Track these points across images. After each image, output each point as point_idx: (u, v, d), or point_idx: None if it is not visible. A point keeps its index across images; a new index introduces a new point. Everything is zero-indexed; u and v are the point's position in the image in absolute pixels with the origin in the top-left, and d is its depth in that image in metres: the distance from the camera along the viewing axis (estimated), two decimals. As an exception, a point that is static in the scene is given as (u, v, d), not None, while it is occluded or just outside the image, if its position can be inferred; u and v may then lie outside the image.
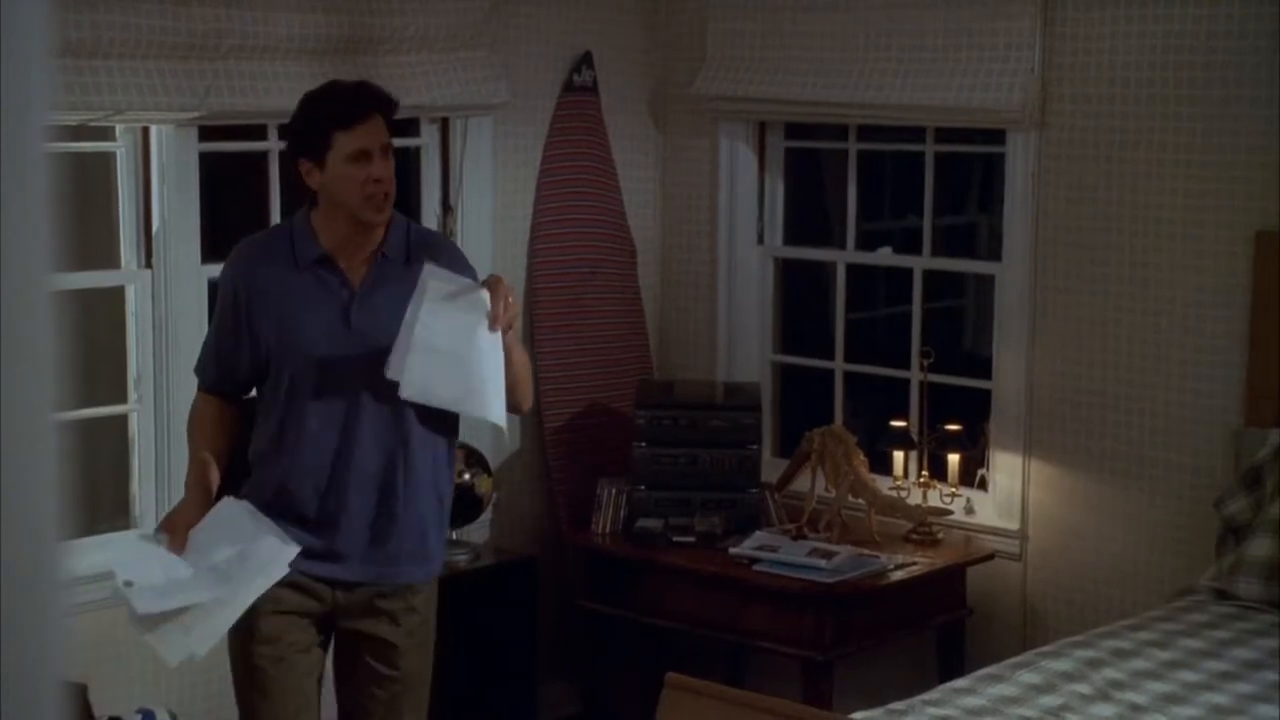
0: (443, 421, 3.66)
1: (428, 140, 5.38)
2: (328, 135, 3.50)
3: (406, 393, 3.45)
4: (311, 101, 3.60)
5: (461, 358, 3.43)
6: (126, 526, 4.76)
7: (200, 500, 3.57)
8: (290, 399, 3.57)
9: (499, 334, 3.47)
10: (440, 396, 3.49)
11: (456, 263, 3.65)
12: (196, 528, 3.52)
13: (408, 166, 5.26)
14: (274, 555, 3.49)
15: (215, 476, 3.58)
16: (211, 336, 3.74)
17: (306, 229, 3.60)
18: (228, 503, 3.58)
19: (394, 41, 5.04)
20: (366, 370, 3.53)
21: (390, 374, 3.45)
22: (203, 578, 3.46)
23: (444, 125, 5.40)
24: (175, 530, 3.54)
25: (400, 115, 3.87)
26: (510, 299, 3.49)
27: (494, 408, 3.49)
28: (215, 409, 3.68)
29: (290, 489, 3.58)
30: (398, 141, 3.88)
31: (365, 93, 3.58)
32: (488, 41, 5.33)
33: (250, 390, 3.69)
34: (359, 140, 3.50)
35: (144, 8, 4.46)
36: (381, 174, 3.52)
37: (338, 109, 3.52)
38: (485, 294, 3.47)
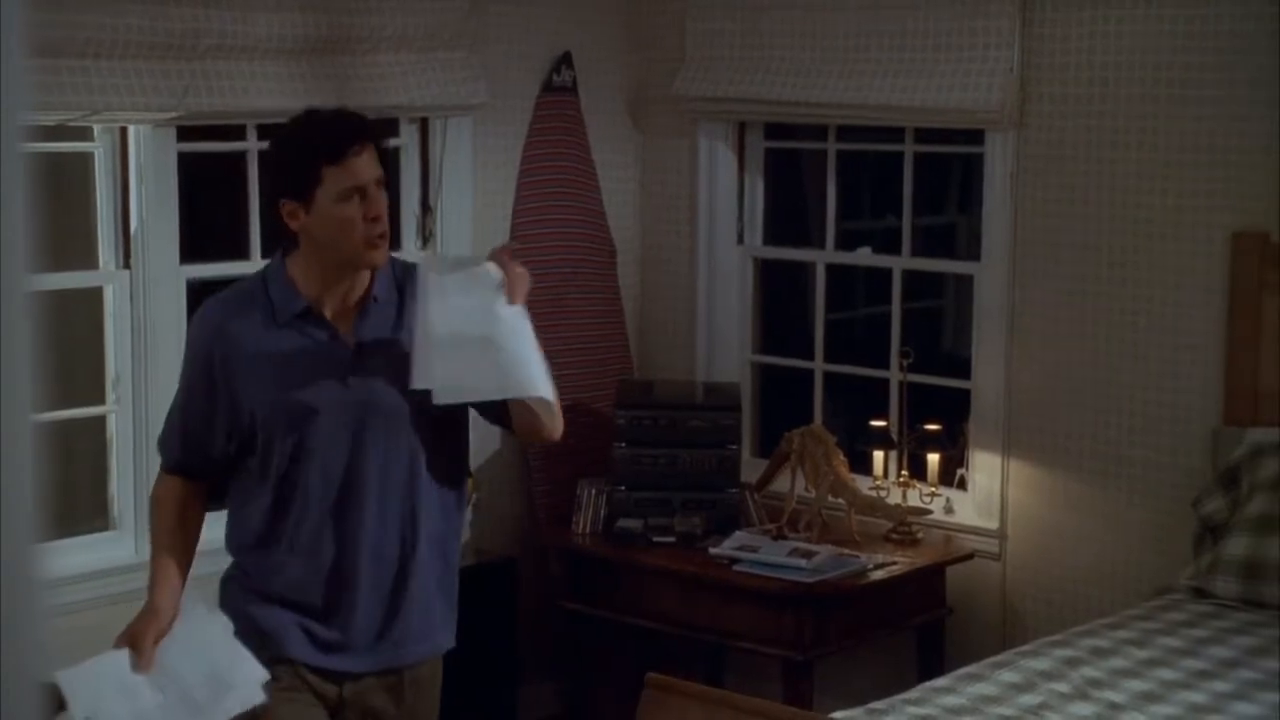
0: (456, 472, 3.35)
1: (406, 140, 5.37)
2: (316, 171, 3.07)
3: (441, 398, 3.08)
4: (293, 134, 3.18)
5: (488, 339, 3.06)
6: (105, 528, 4.75)
7: (166, 606, 3.14)
8: (282, 475, 3.17)
9: (520, 307, 3.10)
10: (477, 388, 3.12)
11: None
12: (164, 643, 3.10)
13: (386, 167, 5.24)
14: (251, 689, 3.08)
15: (173, 594, 3.17)
16: (178, 406, 3.27)
17: (283, 278, 3.17)
18: (197, 613, 3.17)
19: (373, 41, 5.03)
20: (368, 435, 3.16)
21: (417, 383, 3.07)
22: (173, 709, 3.05)
23: (423, 125, 5.40)
24: (141, 646, 3.08)
25: (379, 115, 3.76)
26: (520, 268, 3.13)
27: (538, 383, 3.12)
28: (180, 492, 3.25)
29: (292, 578, 3.20)
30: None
31: (354, 122, 3.18)
32: (467, 41, 5.32)
33: (222, 471, 3.25)
34: (352, 175, 3.08)
35: (121, 7, 4.45)
36: (379, 211, 3.12)
37: (325, 141, 3.09)
38: (493, 267, 3.11)
